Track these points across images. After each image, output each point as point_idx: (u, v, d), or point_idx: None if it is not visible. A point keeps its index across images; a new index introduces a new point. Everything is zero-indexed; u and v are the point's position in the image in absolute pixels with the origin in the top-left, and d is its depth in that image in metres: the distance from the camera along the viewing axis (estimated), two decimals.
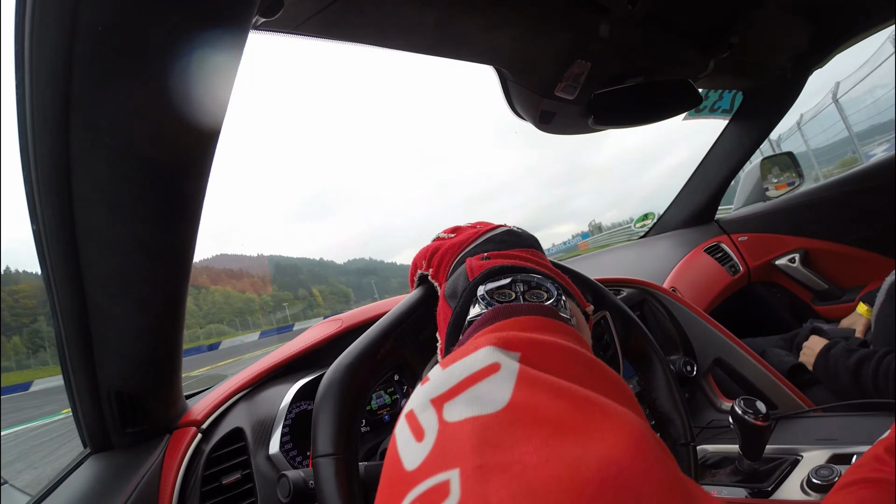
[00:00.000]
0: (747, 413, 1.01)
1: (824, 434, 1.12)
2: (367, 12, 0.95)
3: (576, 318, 0.49)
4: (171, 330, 0.83)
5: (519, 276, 0.50)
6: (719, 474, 1.11)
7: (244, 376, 1.07)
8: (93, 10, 0.46)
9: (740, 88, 2.26)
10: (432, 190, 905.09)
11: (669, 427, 0.77)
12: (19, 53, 0.52)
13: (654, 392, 0.79)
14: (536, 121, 1.59)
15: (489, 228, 0.63)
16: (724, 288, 2.25)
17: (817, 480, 0.93)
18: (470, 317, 0.47)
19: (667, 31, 1.45)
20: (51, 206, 0.62)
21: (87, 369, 0.80)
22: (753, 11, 1.54)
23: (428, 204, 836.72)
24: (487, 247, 0.58)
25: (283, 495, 0.73)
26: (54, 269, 0.69)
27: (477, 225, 0.65)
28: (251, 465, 0.94)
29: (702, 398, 1.50)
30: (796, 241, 2.45)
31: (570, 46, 1.31)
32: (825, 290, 2.41)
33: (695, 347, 1.51)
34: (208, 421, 0.97)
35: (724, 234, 2.53)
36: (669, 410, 0.77)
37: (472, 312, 0.47)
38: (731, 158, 2.42)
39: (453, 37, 1.12)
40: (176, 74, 0.53)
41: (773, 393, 1.40)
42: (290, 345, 1.16)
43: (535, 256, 0.57)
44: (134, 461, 0.87)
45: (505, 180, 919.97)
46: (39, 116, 0.55)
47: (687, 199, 2.60)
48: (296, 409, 1.04)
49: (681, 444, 0.75)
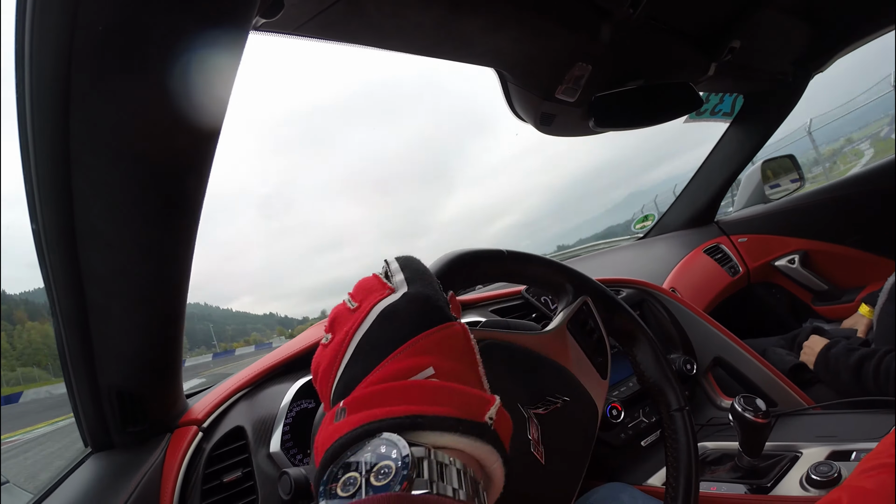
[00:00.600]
0: (747, 410, 1.01)
1: (824, 431, 1.12)
2: (367, 13, 0.95)
3: (454, 459, 0.38)
4: (170, 329, 0.83)
5: (361, 454, 0.38)
6: (719, 471, 1.11)
7: (245, 375, 1.07)
8: (93, 10, 0.47)
9: (741, 92, 2.26)
10: (273, 236, 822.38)
11: (661, 396, 0.79)
12: (19, 53, 0.52)
13: (642, 365, 0.81)
14: (537, 123, 1.60)
15: (369, 307, 0.48)
16: (723, 289, 2.25)
17: (817, 477, 0.93)
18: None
19: (668, 33, 1.45)
20: (50, 205, 0.62)
21: (87, 369, 0.81)
22: (755, 15, 1.54)
23: (268, 250, 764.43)
24: (357, 366, 0.46)
25: (285, 493, 0.73)
26: (54, 268, 0.70)
27: (358, 297, 0.51)
28: (252, 464, 0.94)
29: (702, 396, 1.50)
30: (796, 243, 2.45)
31: (571, 49, 1.32)
32: (825, 290, 2.40)
33: (694, 347, 1.52)
34: (209, 419, 0.97)
35: (723, 236, 2.53)
36: (659, 380, 0.79)
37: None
38: (731, 161, 2.42)
39: (454, 38, 1.13)
40: (176, 74, 0.53)
41: (772, 391, 1.41)
42: (291, 344, 1.16)
43: (417, 356, 0.45)
44: (135, 460, 0.88)
45: (345, 231, 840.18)
46: (39, 116, 0.55)
47: (687, 201, 2.60)
48: (296, 408, 1.05)
49: (674, 409, 0.77)
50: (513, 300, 1.45)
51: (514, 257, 0.71)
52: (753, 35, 1.60)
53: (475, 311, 1.34)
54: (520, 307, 1.43)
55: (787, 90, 2.16)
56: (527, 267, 0.74)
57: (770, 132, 2.30)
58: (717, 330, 1.52)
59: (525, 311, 1.43)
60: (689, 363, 1.40)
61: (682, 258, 2.29)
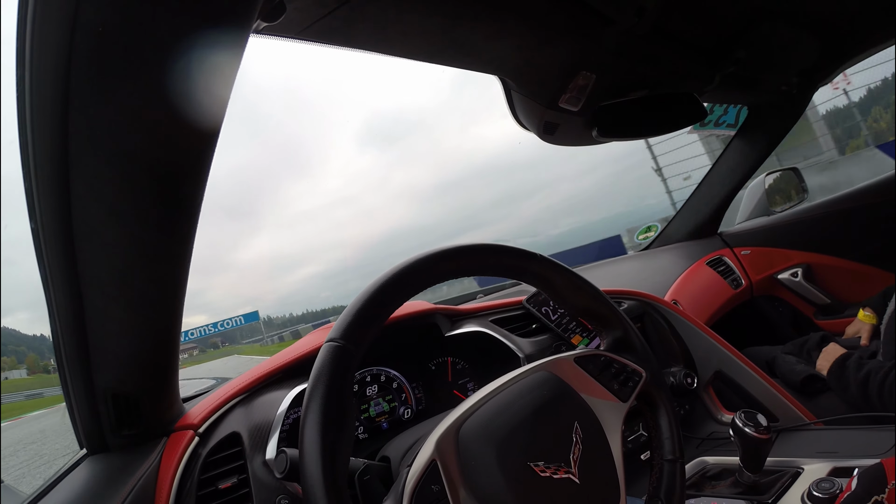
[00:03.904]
0: (748, 426, 1.01)
1: (825, 447, 1.11)
2: (371, 19, 0.95)
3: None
4: (167, 332, 0.83)
5: None
6: (720, 486, 1.10)
7: (242, 381, 1.06)
8: (93, 11, 0.47)
9: (745, 103, 2.25)
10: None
11: (604, 330, 0.89)
12: (19, 53, 0.52)
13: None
14: (540, 132, 1.59)
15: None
16: (725, 301, 2.24)
17: (818, 493, 0.92)
18: None
19: (673, 44, 1.45)
20: (49, 205, 0.62)
21: (83, 370, 0.80)
22: (760, 26, 1.54)
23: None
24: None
25: (279, 470, 0.73)
26: (51, 269, 0.69)
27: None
28: (248, 470, 0.94)
29: (702, 410, 1.49)
30: (799, 256, 2.44)
31: (574, 57, 1.31)
32: (827, 304, 2.39)
33: (695, 360, 1.51)
34: (205, 424, 0.97)
35: (726, 248, 2.52)
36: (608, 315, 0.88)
37: None
38: (735, 173, 2.41)
39: (458, 45, 1.12)
40: (175, 77, 0.53)
41: (773, 405, 1.40)
42: (288, 350, 1.16)
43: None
44: (131, 463, 0.87)
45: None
46: (39, 116, 0.55)
47: (690, 213, 2.59)
48: (293, 415, 1.04)
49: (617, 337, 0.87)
50: (513, 310, 1.44)
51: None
52: (758, 46, 1.60)
53: (475, 320, 1.34)
54: (520, 317, 1.42)
55: (791, 102, 2.16)
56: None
57: (774, 144, 2.30)
58: (719, 343, 1.51)
59: (525, 321, 1.42)
60: (689, 377, 1.39)
61: (684, 270, 2.28)
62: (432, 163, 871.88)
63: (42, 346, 64.15)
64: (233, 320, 58.35)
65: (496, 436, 0.66)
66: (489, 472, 0.63)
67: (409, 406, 1.29)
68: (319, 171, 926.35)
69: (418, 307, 1.31)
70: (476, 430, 0.66)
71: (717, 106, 2.15)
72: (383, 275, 0.72)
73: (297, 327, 14.96)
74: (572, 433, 0.70)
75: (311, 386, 0.65)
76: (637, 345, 0.86)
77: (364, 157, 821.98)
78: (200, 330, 60.20)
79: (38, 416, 25.13)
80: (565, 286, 0.85)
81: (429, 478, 0.62)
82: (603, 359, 0.81)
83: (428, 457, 0.63)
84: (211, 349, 78.20)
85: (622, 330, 0.87)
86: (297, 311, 31.58)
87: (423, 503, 0.60)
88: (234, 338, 72.56)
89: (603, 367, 0.80)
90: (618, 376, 0.80)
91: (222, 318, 71.64)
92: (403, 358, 1.33)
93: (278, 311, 68.44)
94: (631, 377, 0.81)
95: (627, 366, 0.82)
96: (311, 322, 33.48)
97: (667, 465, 0.80)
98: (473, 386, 1.34)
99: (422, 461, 0.63)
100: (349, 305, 0.70)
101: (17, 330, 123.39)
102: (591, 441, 0.71)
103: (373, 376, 1.26)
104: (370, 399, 1.24)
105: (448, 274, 0.77)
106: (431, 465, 0.63)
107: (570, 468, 0.67)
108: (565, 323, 1.41)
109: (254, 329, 58.21)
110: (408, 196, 57.91)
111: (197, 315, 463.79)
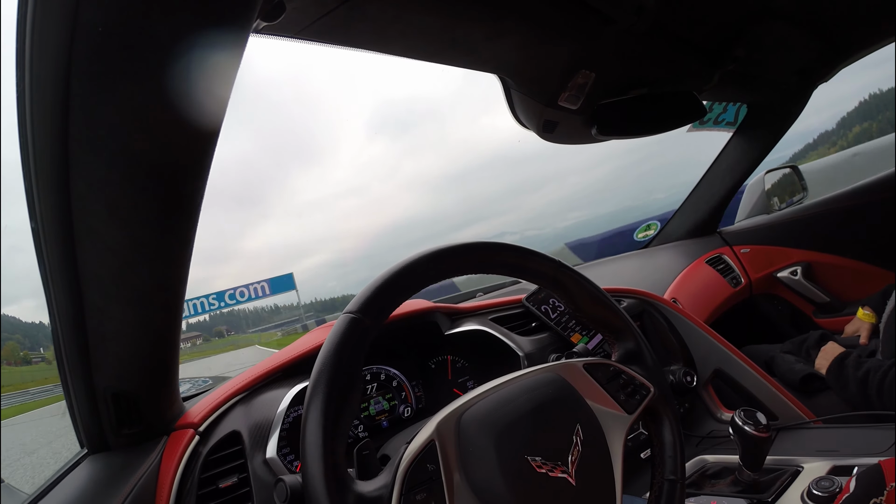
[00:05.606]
0: (747, 424, 1.01)
1: (825, 445, 1.12)
2: (370, 18, 0.95)
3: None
4: (167, 331, 0.83)
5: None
6: (719, 484, 1.10)
7: (242, 379, 1.06)
8: (93, 11, 0.47)
9: (745, 101, 2.25)
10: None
11: (617, 341, 0.89)
12: (19, 53, 0.52)
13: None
14: (539, 130, 1.59)
15: None
16: (725, 300, 2.24)
17: (818, 492, 0.92)
18: None
19: (672, 42, 1.45)
20: (49, 204, 0.62)
21: (83, 369, 0.80)
22: (760, 25, 1.54)
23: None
24: None
25: (280, 499, 0.73)
26: (52, 268, 0.70)
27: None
28: (248, 469, 0.94)
29: (702, 408, 1.50)
30: (798, 254, 2.44)
31: (574, 56, 1.31)
32: (826, 302, 2.40)
33: (695, 358, 1.51)
34: (205, 423, 0.97)
35: (726, 246, 2.52)
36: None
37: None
38: (734, 171, 2.41)
39: (457, 44, 1.12)
40: (175, 77, 0.53)
41: (773, 404, 1.40)
42: (288, 349, 1.16)
43: None
44: (131, 462, 0.87)
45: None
46: (39, 116, 0.55)
47: (690, 211, 2.59)
48: (293, 414, 1.04)
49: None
50: (513, 308, 1.44)
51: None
52: (758, 44, 1.60)
53: (475, 318, 1.34)
54: (520, 316, 1.43)
55: (790, 100, 2.16)
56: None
57: (773, 142, 2.30)
58: (718, 342, 1.52)
59: (525, 319, 1.42)
60: (689, 375, 1.39)
61: (683, 268, 2.28)
62: (442, 153, 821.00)
63: (38, 333, 62.51)
64: (254, 287, 45.06)
65: (497, 425, 0.67)
66: (486, 459, 0.64)
67: (408, 404, 1.29)
68: (329, 161, 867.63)
69: (418, 306, 1.31)
70: (477, 419, 0.67)
71: (716, 104, 2.15)
72: (412, 256, 0.73)
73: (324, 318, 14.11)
74: (573, 435, 0.70)
75: (324, 351, 0.65)
76: (648, 360, 0.86)
77: (374, 147, 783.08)
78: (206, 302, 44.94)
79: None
80: (582, 295, 0.86)
81: (425, 456, 0.62)
82: (612, 369, 0.82)
83: (427, 437, 0.64)
84: (216, 338, 76.91)
85: (635, 343, 0.87)
86: (304, 301, 30.64)
87: (417, 480, 0.61)
88: (239, 326, 69.55)
89: (611, 376, 0.81)
90: (625, 388, 0.81)
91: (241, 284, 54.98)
92: (403, 356, 1.33)
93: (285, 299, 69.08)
94: (638, 390, 0.81)
95: (636, 379, 0.82)
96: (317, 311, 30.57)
97: (667, 484, 0.80)
98: (473, 384, 1.34)
99: (421, 440, 0.64)
100: (376, 279, 0.70)
101: (18, 318, 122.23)
102: (591, 446, 0.71)
103: (373, 375, 1.26)
104: (370, 397, 1.24)
105: (473, 268, 0.78)
106: (430, 445, 0.63)
107: (567, 469, 0.67)
108: (565, 321, 1.41)
109: (260, 317, 52.94)
110: (417, 187, 57.96)
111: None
